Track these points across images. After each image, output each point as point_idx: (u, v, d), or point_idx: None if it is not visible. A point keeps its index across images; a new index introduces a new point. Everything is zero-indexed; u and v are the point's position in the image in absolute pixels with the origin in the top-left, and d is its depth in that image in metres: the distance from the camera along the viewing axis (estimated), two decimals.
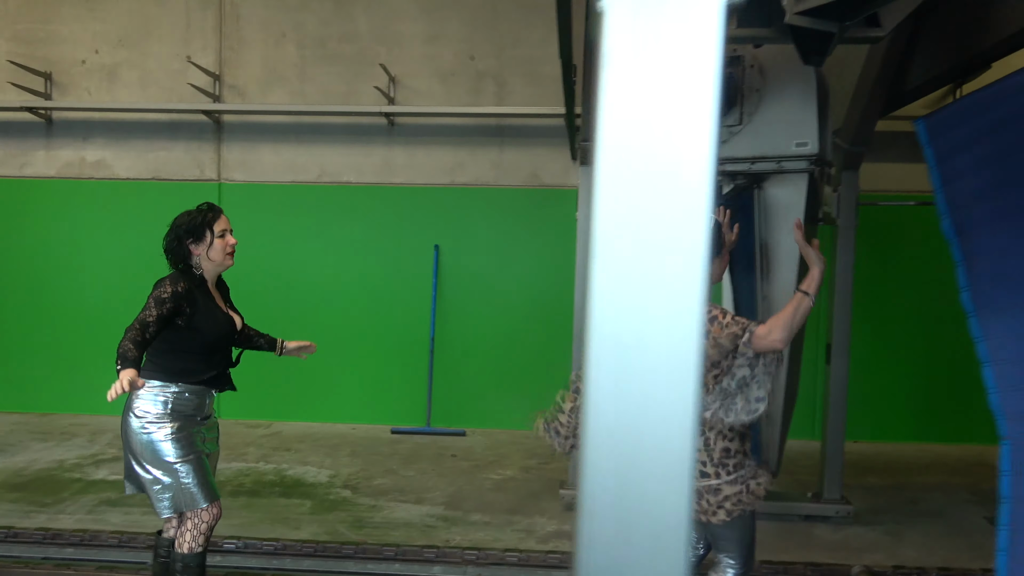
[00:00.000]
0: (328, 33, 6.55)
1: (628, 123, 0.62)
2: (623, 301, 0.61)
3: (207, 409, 2.85)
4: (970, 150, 1.70)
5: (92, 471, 5.20)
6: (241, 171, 6.70)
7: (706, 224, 0.61)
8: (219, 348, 2.84)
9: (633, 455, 0.61)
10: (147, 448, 2.66)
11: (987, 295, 1.63)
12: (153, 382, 2.67)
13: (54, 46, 6.72)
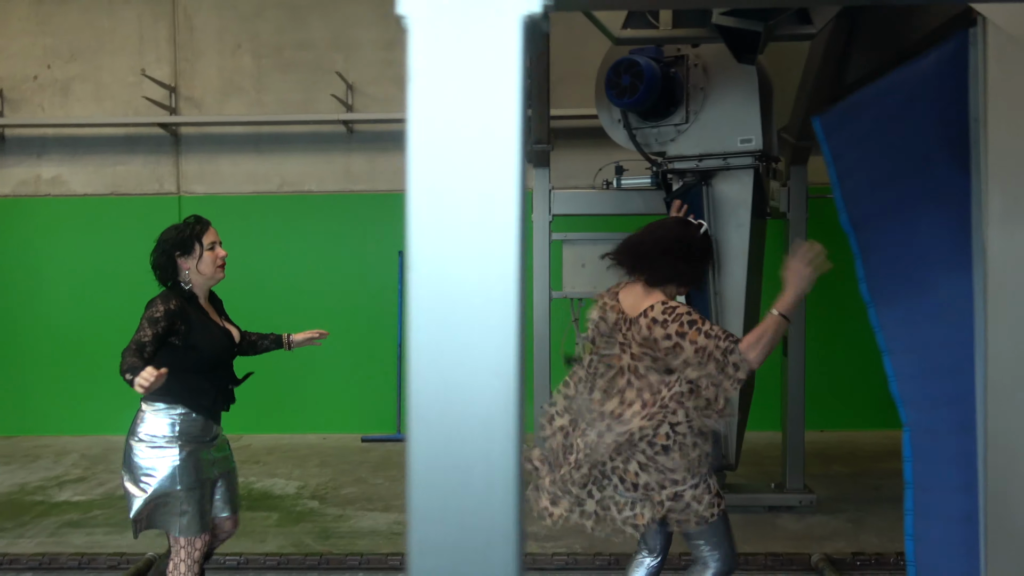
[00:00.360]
0: (284, 41, 6.52)
1: (436, 130, 0.64)
2: (441, 308, 0.62)
3: (215, 429, 2.79)
4: (862, 145, 1.74)
5: (55, 493, 5.12)
6: (201, 183, 6.65)
7: (514, 230, 0.63)
8: (220, 363, 2.79)
9: (457, 458, 0.61)
10: (150, 473, 2.58)
11: (882, 286, 1.66)
12: (159, 404, 2.61)
13: (4, 61, 6.62)
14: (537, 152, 4.45)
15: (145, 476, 2.58)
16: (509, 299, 0.65)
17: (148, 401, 2.62)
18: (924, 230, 1.56)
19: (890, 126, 1.62)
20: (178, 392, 2.61)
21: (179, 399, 2.62)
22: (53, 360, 6.64)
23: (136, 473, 2.60)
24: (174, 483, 2.57)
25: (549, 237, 4.54)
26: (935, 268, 1.51)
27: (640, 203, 4.34)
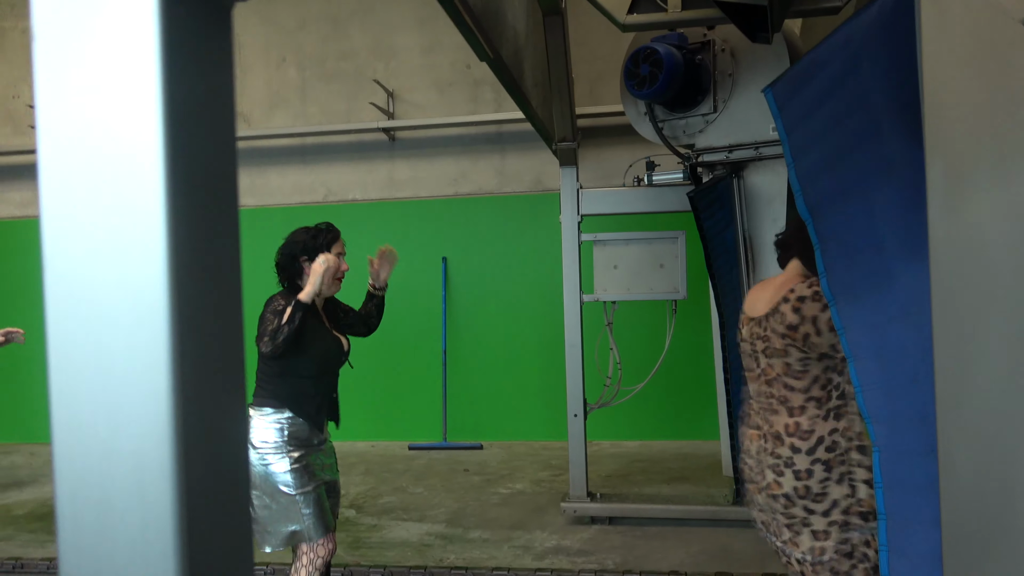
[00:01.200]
0: (326, 52, 6.60)
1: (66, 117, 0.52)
2: (81, 310, 0.52)
3: (324, 433, 2.74)
4: (814, 116, 1.51)
5: None
6: (251, 196, 6.80)
7: (155, 225, 0.52)
8: (328, 371, 2.75)
9: (108, 463, 0.51)
10: (266, 480, 2.54)
11: (842, 280, 1.43)
12: (266, 409, 2.59)
13: None
14: (562, 150, 4.29)
15: (261, 482, 2.53)
16: (157, 313, 0.53)
17: (256, 407, 2.59)
18: (879, 213, 1.33)
19: (838, 92, 1.39)
20: (285, 396, 2.59)
21: (285, 403, 2.59)
22: None
23: (252, 479, 2.56)
24: (289, 488, 2.53)
25: (579, 238, 4.37)
26: (893, 258, 1.29)
27: (674, 199, 4.11)
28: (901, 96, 1.18)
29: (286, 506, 2.53)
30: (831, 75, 1.42)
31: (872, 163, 1.33)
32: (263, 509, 2.54)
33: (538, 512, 4.66)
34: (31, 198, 7.10)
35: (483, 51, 2.82)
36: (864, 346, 1.38)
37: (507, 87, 3.41)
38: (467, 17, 2.43)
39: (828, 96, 1.45)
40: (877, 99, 1.28)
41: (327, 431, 2.77)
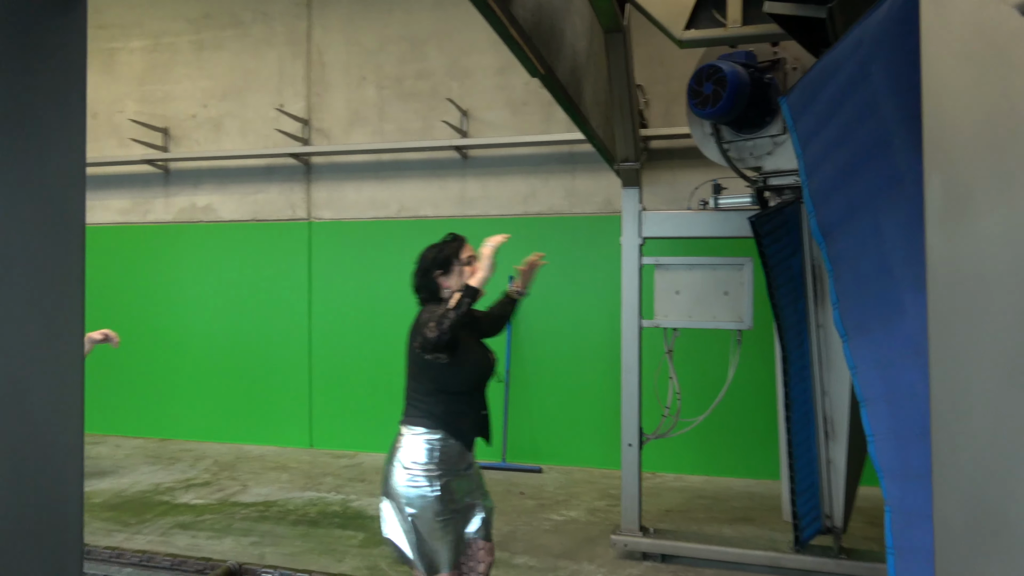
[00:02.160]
0: (404, 72, 6.75)
1: None
2: None
3: (469, 458, 2.64)
4: (826, 127, 1.35)
5: (180, 495, 5.52)
6: (328, 209, 7.00)
7: None
8: (480, 385, 2.68)
9: None
10: (411, 501, 2.48)
11: (854, 312, 1.27)
12: (419, 429, 2.54)
13: (170, 103, 7.42)
14: (624, 171, 4.19)
15: (406, 503, 2.48)
16: None
17: (409, 425, 2.55)
18: (888, 235, 1.17)
19: (849, 100, 1.25)
20: (438, 415, 2.53)
21: (439, 423, 2.52)
22: (199, 370, 7.24)
23: (397, 500, 2.51)
24: (431, 513, 2.47)
25: (639, 261, 4.24)
26: (902, 286, 1.13)
27: (741, 224, 3.93)
28: (909, 103, 1.05)
29: (429, 532, 2.46)
30: (842, 82, 1.29)
31: (881, 179, 1.19)
32: (409, 533, 2.47)
33: (589, 543, 4.52)
34: (131, 206, 7.58)
35: (533, 67, 2.78)
36: (875, 387, 1.23)
37: (562, 105, 3.35)
38: (514, 32, 2.40)
39: (839, 105, 1.32)
40: (886, 107, 1.14)
41: (474, 453, 2.67)
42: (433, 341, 2.38)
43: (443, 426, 2.52)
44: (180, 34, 7.38)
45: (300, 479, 5.94)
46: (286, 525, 4.83)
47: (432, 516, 2.46)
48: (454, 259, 2.69)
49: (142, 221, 7.53)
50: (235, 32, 7.23)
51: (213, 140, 7.29)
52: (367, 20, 6.86)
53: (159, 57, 7.45)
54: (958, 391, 0.72)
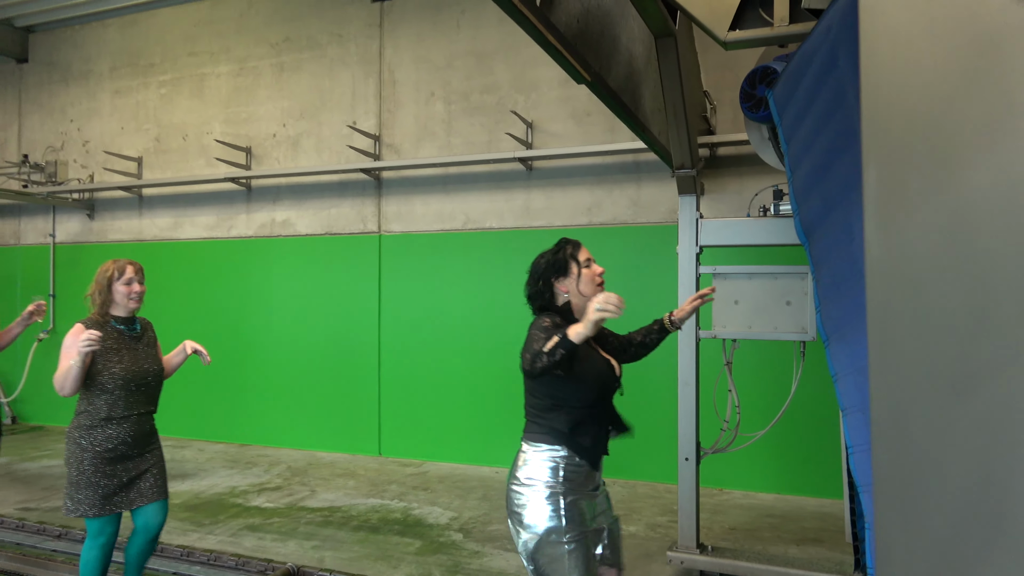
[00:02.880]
0: (471, 87, 6.86)
1: None
2: None
3: (597, 479, 2.47)
4: (805, 118, 1.24)
5: (253, 498, 5.74)
6: (398, 222, 7.17)
7: None
8: (601, 398, 2.49)
9: None
10: (530, 521, 2.31)
11: (833, 316, 1.16)
12: (541, 445, 2.39)
13: (253, 124, 7.80)
14: (680, 178, 4.10)
15: (529, 522, 2.31)
16: None
17: (530, 441, 2.41)
18: (857, 235, 1.08)
19: (822, 89, 1.15)
20: (559, 432, 2.38)
21: (560, 439, 2.37)
22: (278, 378, 7.54)
23: (520, 519, 2.34)
24: (558, 533, 2.28)
25: (697, 270, 4.13)
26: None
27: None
28: None
29: (553, 556, 2.28)
30: (816, 70, 1.21)
31: (851, 173, 1.11)
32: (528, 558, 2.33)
33: (646, 559, 4.41)
34: (216, 221, 7.99)
35: (578, 74, 2.77)
36: (853, 397, 1.14)
37: (615, 112, 3.32)
38: (552, 39, 2.40)
39: (815, 96, 1.24)
40: (851, 94, 1.07)
41: (600, 473, 2.48)
42: (526, 371, 2.26)
43: (564, 442, 2.36)
44: (263, 58, 7.76)
45: (366, 486, 6.07)
46: (347, 530, 4.94)
47: (554, 538, 2.28)
48: (572, 261, 2.50)
49: (226, 236, 7.93)
50: (312, 54, 7.54)
51: (291, 158, 7.62)
52: (435, 38, 7.02)
53: (244, 80, 7.86)
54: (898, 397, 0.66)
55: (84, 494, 3.09)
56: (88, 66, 8.73)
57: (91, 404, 3.14)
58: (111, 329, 3.19)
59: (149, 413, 3.33)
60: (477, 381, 6.76)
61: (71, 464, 3.13)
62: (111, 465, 3.14)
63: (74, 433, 3.15)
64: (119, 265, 3.23)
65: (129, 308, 3.25)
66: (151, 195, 8.36)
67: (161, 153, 8.30)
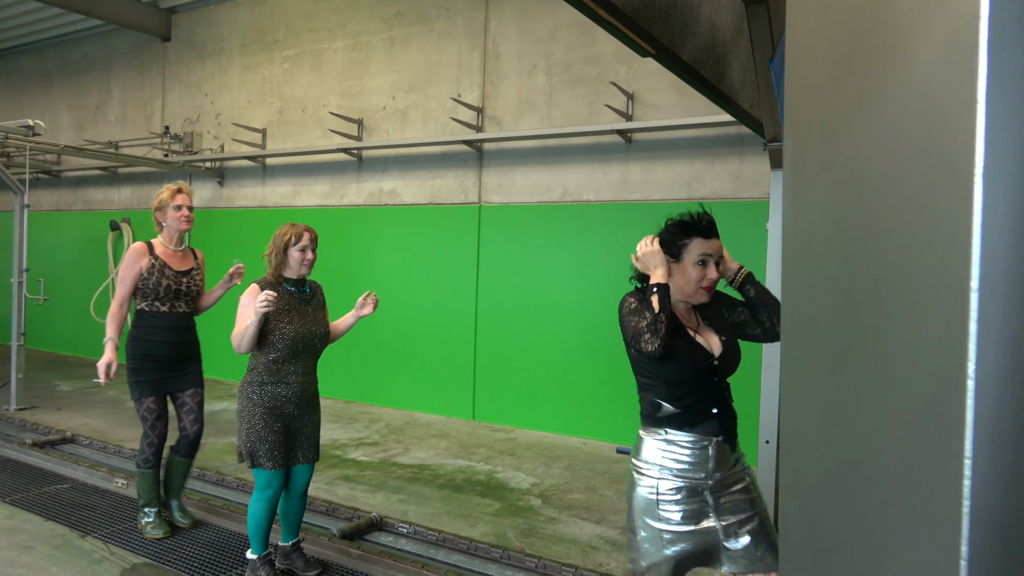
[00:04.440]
0: (573, 58, 6.82)
1: None
2: None
3: (716, 465, 2.20)
4: None
5: (351, 451, 6.12)
6: (497, 194, 7.29)
7: None
8: (692, 384, 2.24)
9: None
10: (643, 510, 2.19)
11: None
12: (649, 427, 2.27)
13: (365, 96, 8.13)
14: (772, 151, 3.94)
15: (637, 509, 2.21)
16: None
17: (645, 427, 2.29)
18: None
19: None
20: (649, 414, 2.27)
21: (652, 422, 2.25)
22: (381, 340, 7.92)
23: (634, 511, 2.22)
24: (652, 519, 2.17)
25: None
26: None
27: None
28: None
29: (649, 540, 2.17)
30: None
31: None
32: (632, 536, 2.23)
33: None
34: (330, 190, 8.44)
35: (640, 48, 2.72)
36: None
37: (692, 85, 3.23)
38: (604, 13, 2.37)
39: None
40: None
41: (728, 461, 2.24)
42: (659, 353, 2.13)
43: (656, 424, 2.23)
44: (375, 32, 8.05)
45: (456, 447, 6.31)
46: (433, 488, 5.17)
47: (652, 523, 2.16)
48: (680, 247, 2.36)
49: (339, 204, 8.36)
50: (421, 28, 7.74)
51: (399, 129, 7.89)
52: (540, 9, 7.01)
53: (357, 55, 8.19)
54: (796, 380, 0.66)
55: (255, 447, 3.25)
56: (221, 44, 9.38)
57: (261, 361, 3.29)
58: (283, 291, 3.34)
59: (313, 375, 3.47)
60: (569, 352, 6.82)
61: (243, 418, 3.29)
62: (279, 422, 3.29)
63: (246, 388, 3.31)
64: (297, 230, 3.35)
65: (300, 273, 3.39)
66: (273, 164, 8.92)
67: (283, 125, 8.82)
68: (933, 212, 0.46)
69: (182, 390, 4.03)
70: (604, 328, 6.67)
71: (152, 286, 3.88)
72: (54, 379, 8.98)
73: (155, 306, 3.92)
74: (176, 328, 3.96)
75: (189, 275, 4.04)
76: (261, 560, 3.40)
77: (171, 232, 4.02)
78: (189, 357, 4.07)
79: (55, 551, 3.80)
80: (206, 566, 3.68)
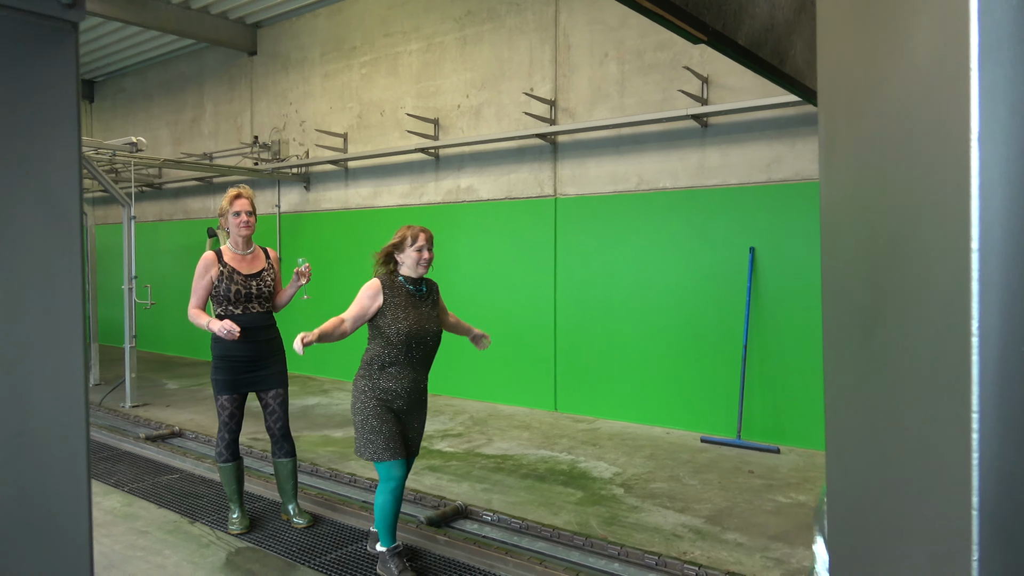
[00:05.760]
0: (644, 45, 6.75)
1: None
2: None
3: None
4: None
5: (437, 442, 6.29)
6: (572, 185, 7.31)
7: None
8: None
9: None
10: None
11: None
12: None
13: (440, 96, 8.30)
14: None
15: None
16: None
17: None
18: None
19: None
20: None
21: None
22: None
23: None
24: None
25: None
26: None
27: None
28: None
29: None
30: None
31: None
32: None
33: (811, 529, 4.24)
34: (409, 189, 8.66)
35: (690, 36, 2.68)
36: None
37: (749, 68, 3.15)
38: (649, 4, 2.35)
39: None
40: None
41: None
42: None
43: None
44: (448, 33, 8.20)
45: (538, 438, 6.38)
46: (516, 477, 5.27)
47: None
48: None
49: (418, 203, 8.57)
50: (492, 25, 7.83)
51: (473, 127, 8.02)
52: None
53: (431, 56, 8.37)
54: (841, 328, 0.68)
55: (370, 438, 3.33)
56: (303, 54, 9.77)
57: (375, 354, 3.41)
58: (400, 287, 3.48)
59: (424, 373, 3.54)
60: (650, 341, 6.77)
61: (357, 410, 3.39)
62: (391, 413, 3.38)
63: (360, 382, 3.42)
64: (413, 232, 3.48)
65: (418, 272, 3.51)
66: (355, 167, 9.24)
67: (363, 128, 9.12)
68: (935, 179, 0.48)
69: (264, 391, 4.09)
70: (684, 316, 6.60)
71: (223, 292, 3.95)
72: (162, 378, 9.62)
73: (229, 310, 3.98)
74: (252, 328, 3.98)
75: (259, 277, 4.09)
76: (391, 552, 3.47)
77: (235, 238, 4.12)
78: (269, 357, 4.09)
79: (168, 535, 4.11)
80: (305, 552, 3.89)
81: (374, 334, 3.43)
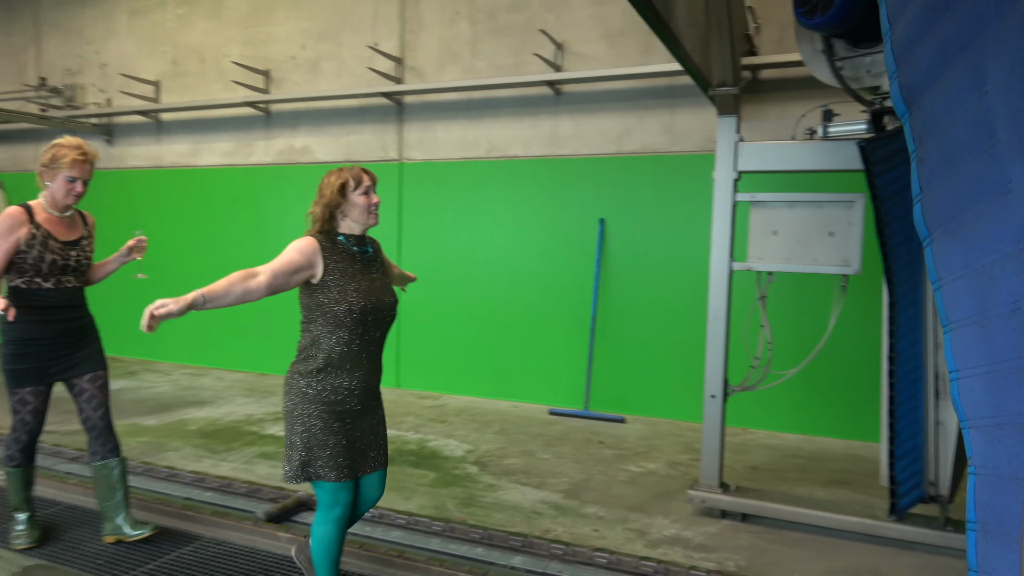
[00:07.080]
0: (498, 5, 6.47)
1: None
2: None
3: None
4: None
5: (269, 426, 5.70)
6: (419, 150, 6.91)
7: None
8: None
9: None
10: None
11: (941, 201, 0.92)
12: None
13: (271, 46, 7.51)
14: (720, 96, 3.78)
15: None
16: None
17: None
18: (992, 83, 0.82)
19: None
20: None
21: None
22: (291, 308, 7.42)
23: None
24: None
25: (733, 197, 3.85)
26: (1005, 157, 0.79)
27: (851, 156, 3.45)
28: None
29: None
30: None
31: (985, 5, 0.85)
32: None
33: (665, 497, 4.27)
34: (234, 148, 7.80)
35: None
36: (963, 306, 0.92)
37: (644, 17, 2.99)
38: None
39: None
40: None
41: None
42: None
43: None
44: None
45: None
46: None
47: None
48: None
49: (245, 163, 7.74)
50: None
51: (310, 81, 7.34)
52: None
53: (261, 0, 7.53)
54: None
55: (313, 454, 2.53)
56: None
57: (320, 342, 2.57)
58: (343, 250, 2.65)
59: (380, 359, 2.75)
60: (496, 313, 6.59)
61: (294, 418, 2.57)
62: (340, 420, 2.58)
63: (297, 380, 2.59)
64: (355, 173, 2.63)
65: (368, 223, 2.67)
66: (169, 120, 8.16)
67: (179, 76, 8.06)
68: None
69: (79, 375, 3.37)
70: (534, 288, 6.48)
71: (33, 261, 3.18)
72: None
73: (36, 283, 3.22)
74: (64, 306, 3.30)
75: (78, 246, 3.35)
76: None
77: (56, 199, 3.29)
78: (83, 338, 3.40)
79: None
80: (113, 564, 3.26)
81: (314, 315, 2.59)
